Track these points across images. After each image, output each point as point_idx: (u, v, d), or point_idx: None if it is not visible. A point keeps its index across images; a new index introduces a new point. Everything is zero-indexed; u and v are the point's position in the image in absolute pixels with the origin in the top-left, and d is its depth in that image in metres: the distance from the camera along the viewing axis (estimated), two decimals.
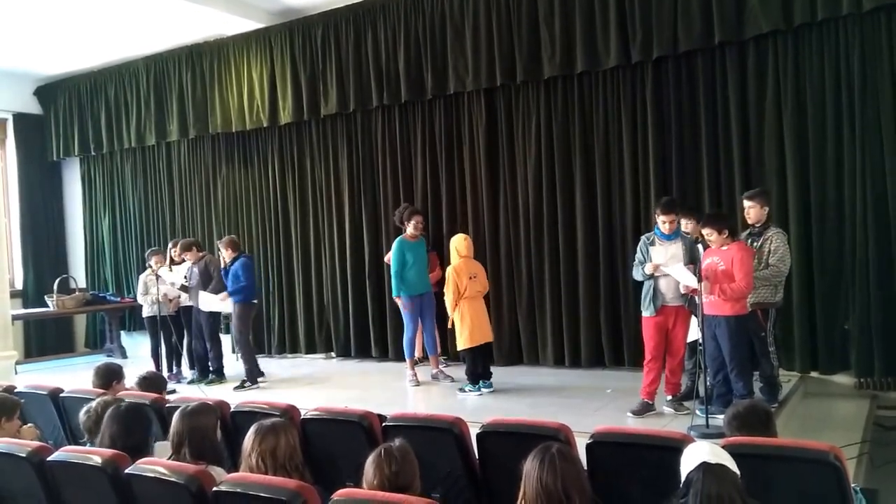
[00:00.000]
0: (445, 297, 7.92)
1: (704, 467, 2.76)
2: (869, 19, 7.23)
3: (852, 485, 3.37)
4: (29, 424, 5.25)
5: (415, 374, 8.44)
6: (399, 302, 8.49)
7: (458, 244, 7.95)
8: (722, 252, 6.01)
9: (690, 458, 2.87)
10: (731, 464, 2.83)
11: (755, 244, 6.45)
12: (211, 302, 9.03)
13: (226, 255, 9.03)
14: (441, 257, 9.25)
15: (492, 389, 7.76)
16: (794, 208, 7.62)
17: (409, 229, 8.47)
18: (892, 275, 7.26)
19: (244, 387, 8.79)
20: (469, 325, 7.74)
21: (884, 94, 7.22)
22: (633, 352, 8.25)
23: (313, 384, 9.09)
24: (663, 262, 6.20)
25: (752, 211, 6.55)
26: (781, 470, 3.29)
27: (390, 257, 8.55)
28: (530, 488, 2.96)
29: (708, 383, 6.15)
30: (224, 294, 8.94)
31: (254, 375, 8.95)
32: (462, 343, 7.84)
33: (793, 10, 7.37)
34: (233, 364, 9.51)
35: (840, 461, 3.25)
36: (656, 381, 6.50)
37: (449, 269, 7.93)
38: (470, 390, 7.75)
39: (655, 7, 7.96)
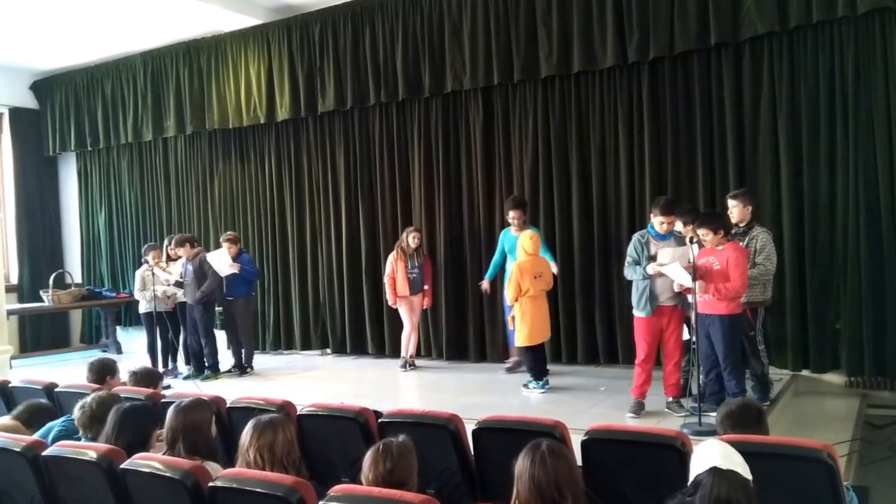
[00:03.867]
0: (506, 292, 7.80)
1: (714, 472, 2.71)
2: (863, 22, 7.28)
3: (843, 482, 3.38)
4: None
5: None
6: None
7: (524, 242, 7.63)
8: (717, 252, 6.03)
9: (702, 460, 2.83)
10: (744, 469, 2.78)
11: (741, 243, 6.47)
12: (222, 261, 9.15)
13: (229, 251, 9.28)
14: (434, 263, 9.43)
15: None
16: (787, 208, 7.67)
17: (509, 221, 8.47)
18: (883, 275, 7.30)
19: (247, 372, 9.37)
20: (529, 323, 7.54)
21: (877, 95, 7.27)
22: (626, 349, 8.29)
23: (309, 380, 9.10)
24: (669, 261, 6.16)
25: (735, 210, 6.59)
26: (775, 468, 3.28)
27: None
28: (522, 486, 2.96)
29: (701, 381, 6.18)
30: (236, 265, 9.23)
31: (251, 360, 9.51)
32: (521, 340, 7.67)
33: (788, 13, 7.41)
34: (229, 359, 9.51)
35: (833, 459, 3.26)
36: (648, 382, 6.53)
37: (514, 266, 7.71)
38: (534, 387, 7.62)
39: (652, 8, 8.00)
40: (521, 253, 7.67)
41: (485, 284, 8.82)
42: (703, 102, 8.09)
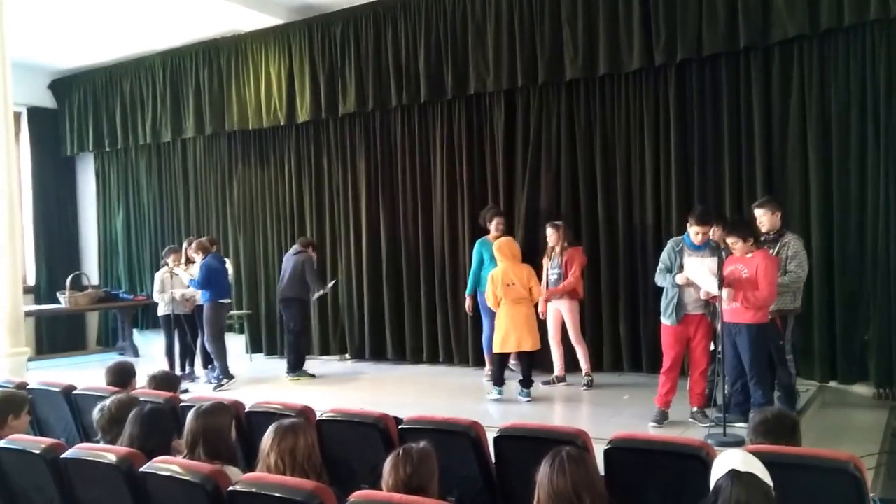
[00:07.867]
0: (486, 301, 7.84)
1: (733, 475, 2.70)
2: None
3: (871, 495, 3.36)
4: None
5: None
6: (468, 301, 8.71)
7: (497, 248, 7.67)
8: (746, 260, 5.94)
9: (721, 466, 2.81)
10: (764, 474, 2.76)
11: (772, 251, 6.35)
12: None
13: (197, 258, 9.17)
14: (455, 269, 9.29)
15: (529, 399, 7.52)
16: (816, 216, 7.55)
17: (491, 230, 8.46)
18: None
19: (221, 386, 8.86)
20: (503, 331, 7.51)
21: None
22: (651, 357, 8.18)
23: (328, 385, 9.05)
24: (696, 271, 6.08)
25: (764, 219, 6.46)
26: (801, 479, 3.25)
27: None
28: (543, 492, 2.94)
29: (726, 391, 6.08)
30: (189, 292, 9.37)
31: (227, 374, 9.04)
32: (494, 346, 7.69)
33: (819, 16, 7.29)
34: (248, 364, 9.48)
35: (860, 471, 3.23)
36: (673, 391, 6.43)
37: (488, 275, 7.76)
38: (495, 393, 7.62)
39: (680, 9, 7.88)
40: (497, 259, 7.68)
41: (468, 302, 8.78)
42: (731, 107, 7.97)
